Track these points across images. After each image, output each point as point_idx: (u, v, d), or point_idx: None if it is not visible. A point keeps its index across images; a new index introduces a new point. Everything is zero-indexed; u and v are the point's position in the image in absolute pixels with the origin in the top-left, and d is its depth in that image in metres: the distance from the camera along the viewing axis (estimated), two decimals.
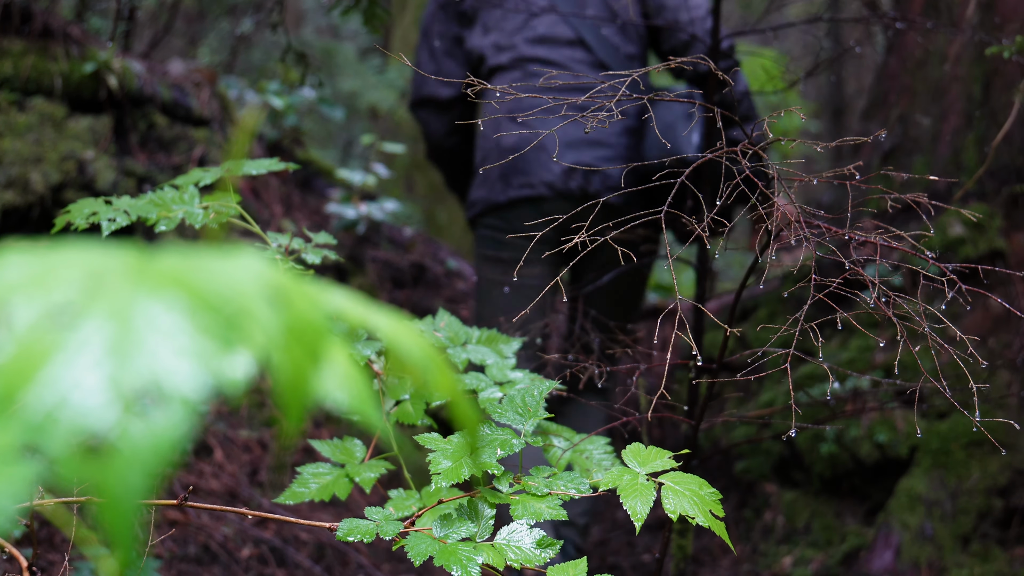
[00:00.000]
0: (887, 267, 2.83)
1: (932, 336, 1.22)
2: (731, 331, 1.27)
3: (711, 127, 2.39)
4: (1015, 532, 2.61)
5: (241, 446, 2.95)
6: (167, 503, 1.13)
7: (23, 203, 2.96)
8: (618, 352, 2.10)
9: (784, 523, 3.00)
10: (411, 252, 4.19)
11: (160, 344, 0.31)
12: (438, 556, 1.09)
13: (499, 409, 1.28)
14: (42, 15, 3.25)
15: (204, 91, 3.74)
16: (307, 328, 0.34)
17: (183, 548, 2.45)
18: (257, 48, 6.10)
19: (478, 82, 1.33)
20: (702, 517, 1.09)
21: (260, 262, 0.36)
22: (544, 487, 1.20)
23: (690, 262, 2.17)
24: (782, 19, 4.55)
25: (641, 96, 1.33)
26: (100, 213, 1.36)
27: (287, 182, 4.02)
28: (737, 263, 6.12)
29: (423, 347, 0.41)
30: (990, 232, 2.99)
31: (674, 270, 1.20)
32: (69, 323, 0.31)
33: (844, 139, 1.38)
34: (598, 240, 1.23)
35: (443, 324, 1.52)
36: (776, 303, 3.47)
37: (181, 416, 0.30)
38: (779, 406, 2.88)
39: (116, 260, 0.35)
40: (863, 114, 3.87)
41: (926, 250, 1.23)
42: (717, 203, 1.35)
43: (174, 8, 4.53)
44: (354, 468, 1.34)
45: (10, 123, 3.07)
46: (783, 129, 5.33)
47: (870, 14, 2.60)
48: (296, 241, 1.44)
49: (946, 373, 2.24)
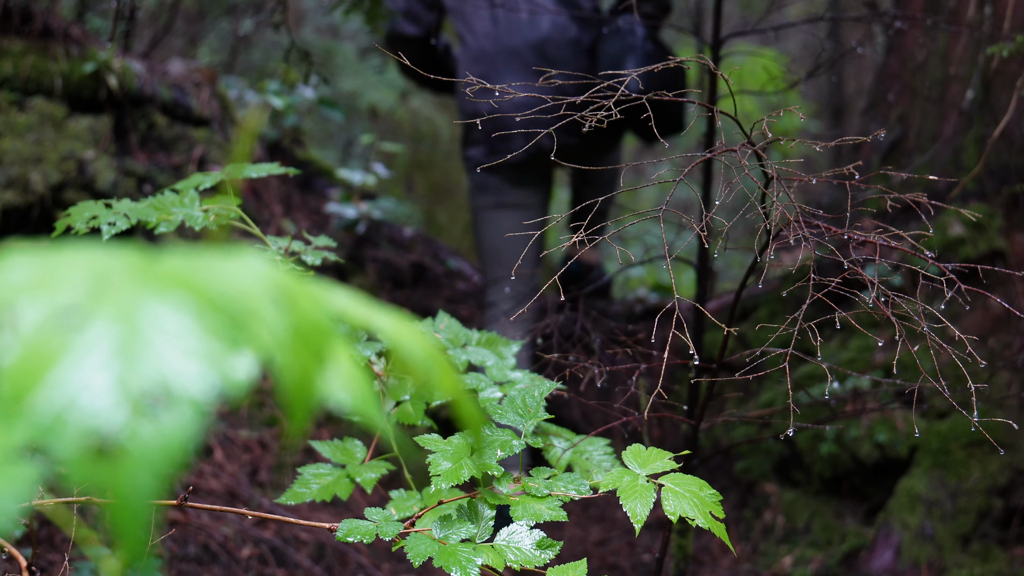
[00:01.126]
0: (887, 267, 2.84)
1: (932, 336, 1.22)
2: (731, 331, 1.28)
3: (651, 59, 2.86)
4: (1015, 532, 2.61)
5: (241, 446, 2.95)
6: (167, 503, 1.14)
7: (23, 203, 2.96)
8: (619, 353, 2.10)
9: (784, 523, 3.00)
10: (411, 252, 4.19)
11: (167, 345, 0.31)
12: (438, 557, 1.09)
13: (499, 410, 1.28)
14: (42, 15, 3.25)
15: (204, 91, 3.74)
16: (312, 329, 0.34)
17: (183, 548, 2.45)
18: (257, 48, 6.10)
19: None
20: (702, 519, 1.09)
21: (264, 263, 0.36)
22: (544, 488, 1.20)
23: (690, 262, 2.17)
24: (782, 19, 4.56)
25: (641, 95, 1.33)
26: (100, 217, 1.37)
27: (287, 182, 4.02)
28: (737, 263, 6.12)
29: (425, 346, 0.41)
30: (990, 232, 2.99)
31: (673, 270, 1.20)
32: (76, 325, 0.31)
33: (844, 139, 1.38)
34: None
35: (443, 326, 1.53)
36: (776, 303, 3.48)
37: (190, 417, 0.30)
38: (779, 406, 2.88)
39: (120, 261, 0.35)
40: (863, 114, 3.87)
41: (926, 250, 1.23)
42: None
43: (174, 8, 4.53)
44: (355, 469, 1.34)
45: (10, 123, 3.07)
46: (783, 129, 5.33)
47: (870, 13, 2.60)
48: (296, 243, 1.44)
49: (946, 373, 2.25)
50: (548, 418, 1.29)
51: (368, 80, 5.71)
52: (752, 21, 5.71)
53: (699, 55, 1.48)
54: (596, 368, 1.72)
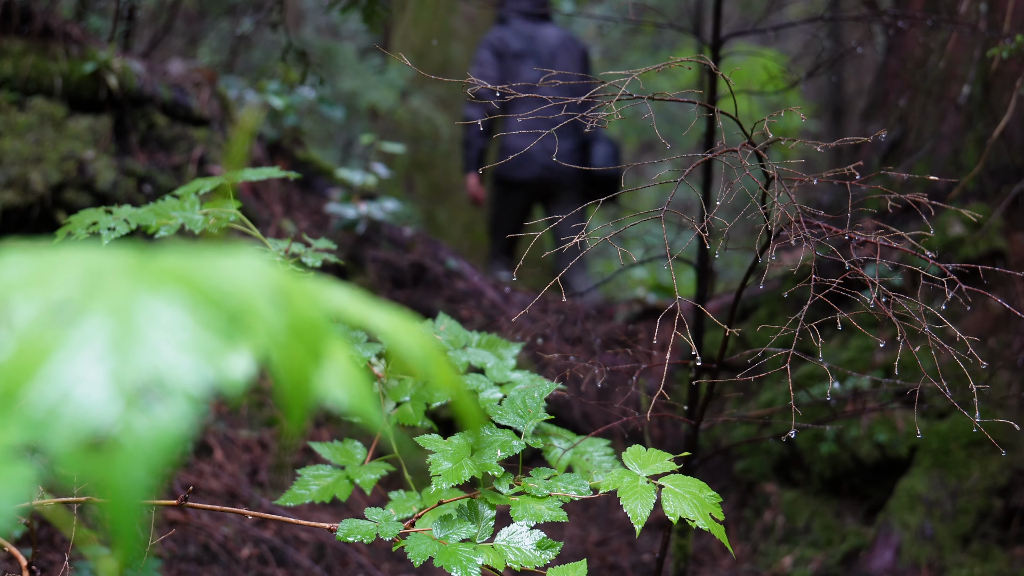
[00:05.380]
0: (887, 267, 2.83)
1: (932, 336, 1.22)
2: (731, 331, 1.27)
3: (610, 143, 4.83)
4: (1015, 532, 2.61)
5: (241, 446, 2.95)
6: (167, 503, 1.13)
7: (23, 203, 2.96)
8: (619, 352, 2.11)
9: (784, 523, 3.00)
10: (411, 252, 4.19)
11: (162, 339, 0.31)
12: (438, 557, 1.09)
13: (499, 411, 1.28)
14: (42, 15, 3.25)
15: (204, 91, 3.74)
16: (309, 326, 0.34)
17: (183, 548, 2.45)
18: (257, 48, 6.09)
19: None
20: (702, 520, 1.09)
21: (261, 260, 0.36)
22: (544, 489, 1.20)
23: (690, 262, 2.17)
24: (782, 19, 4.55)
25: (641, 96, 1.33)
26: (100, 222, 1.37)
27: (287, 182, 4.02)
28: (737, 263, 6.12)
29: (424, 344, 0.41)
30: (990, 232, 2.99)
31: (674, 270, 1.20)
32: (70, 320, 0.31)
33: (844, 139, 1.38)
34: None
35: (443, 327, 1.52)
36: (776, 303, 3.47)
37: (184, 411, 0.29)
38: (779, 406, 2.88)
39: (115, 258, 0.35)
40: (863, 114, 3.87)
41: (926, 250, 1.23)
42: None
43: (174, 8, 4.53)
44: (354, 470, 1.34)
45: (10, 123, 3.07)
46: (783, 129, 5.33)
47: (870, 13, 2.60)
48: (296, 245, 1.44)
49: (946, 373, 2.24)
50: (548, 418, 1.28)
51: (368, 80, 5.71)
52: (752, 21, 5.71)
53: (699, 55, 1.48)
54: (596, 368, 1.72)
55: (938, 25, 2.89)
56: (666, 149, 2.60)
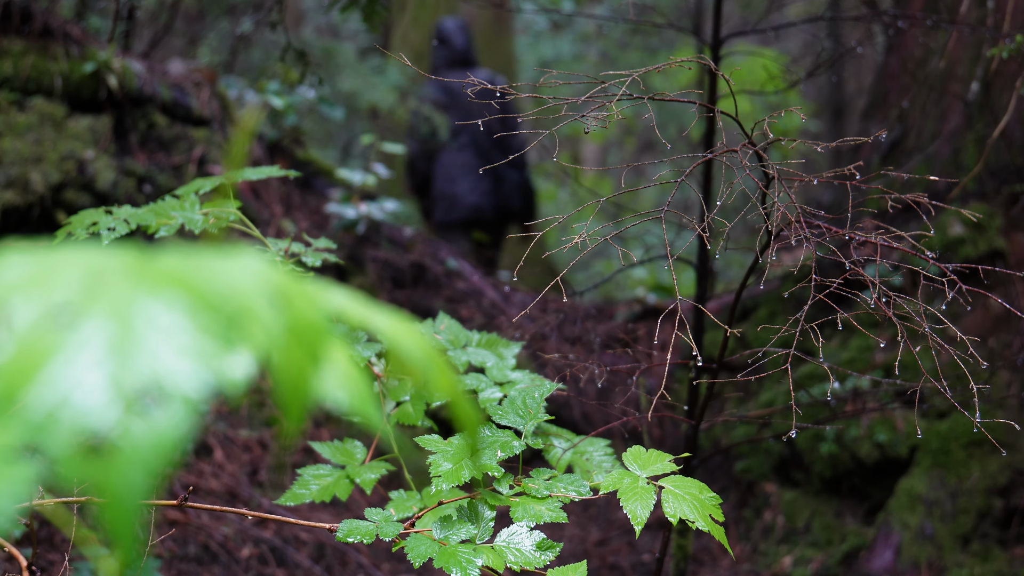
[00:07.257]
0: (887, 267, 2.83)
1: (932, 336, 1.22)
2: (731, 331, 1.27)
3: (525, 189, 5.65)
4: (1015, 532, 2.61)
5: (241, 446, 2.95)
6: (167, 503, 1.13)
7: (23, 203, 2.96)
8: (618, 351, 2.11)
9: (784, 523, 3.00)
10: (411, 252, 4.19)
11: (161, 343, 0.31)
12: (438, 558, 1.09)
13: (500, 411, 1.28)
14: (42, 15, 3.25)
15: (204, 91, 3.74)
16: (308, 328, 0.34)
17: (183, 548, 2.45)
18: (257, 48, 6.09)
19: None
20: (702, 521, 1.09)
21: (260, 262, 0.36)
22: (544, 489, 1.20)
23: (690, 262, 2.17)
24: (782, 19, 4.55)
25: (641, 96, 1.33)
26: (100, 223, 1.37)
27: (287, 182, 4.02)
28: (737, 263, 6.12)
29: (423, 346, 0.41)
30: (990, 232, 2.99)
31: (674, 270, 1.20)
32: (69, 323, 0.31)
33: (844, 139, 1.38)
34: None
35: (443, 327, 1.52)
36: (776, 303, 3.47)
37: (183, 415, 0.29)
38: (779, 406, 2.88)
39: (115, 260, 0.35)
40: (863, 114, 3.87)
41: (926, 250, 1.23)
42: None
43: (174, 8, 4.53)
44: (355, 469, 1.34)
45: (10, 123, 3.07)
46: (783, 129, 5.33)
47: (870, 13, 2.60)
48: (296, 245, 1.44)
49: (946, 373, 2.24)
50: (548, 419, 1.28)
51: (368, 80, 5.71)
52: (752, 21, 5.71)
53: (699, 55, 1.48)
54: (596, 368, 1.72)
55: (938, 25, 2.89)
56: (666, 149, 2.61)
